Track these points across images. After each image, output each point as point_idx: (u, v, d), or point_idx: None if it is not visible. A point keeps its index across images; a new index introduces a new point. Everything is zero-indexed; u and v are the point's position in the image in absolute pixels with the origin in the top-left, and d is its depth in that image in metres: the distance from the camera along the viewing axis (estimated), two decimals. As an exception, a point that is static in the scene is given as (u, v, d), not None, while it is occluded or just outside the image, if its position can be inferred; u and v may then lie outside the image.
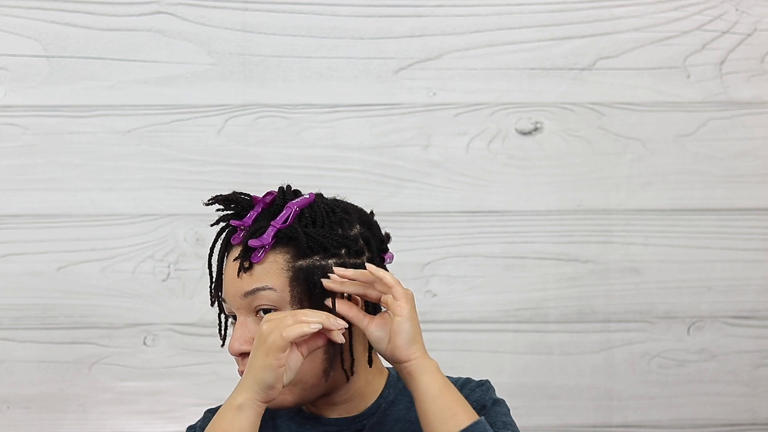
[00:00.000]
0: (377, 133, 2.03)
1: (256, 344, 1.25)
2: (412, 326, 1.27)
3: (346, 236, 1.33)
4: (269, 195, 1.35)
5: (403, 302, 1.28)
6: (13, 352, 2.00)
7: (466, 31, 2.03)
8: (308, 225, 1.32)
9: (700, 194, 2.05)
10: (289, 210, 1.32)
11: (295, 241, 1.31)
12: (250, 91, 2.01)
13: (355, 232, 1.34)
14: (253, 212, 1.34)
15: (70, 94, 2.00)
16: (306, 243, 1.30)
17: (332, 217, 1.33)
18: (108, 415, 2.01)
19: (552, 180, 2.04)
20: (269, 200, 1.34)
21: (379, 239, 1.38)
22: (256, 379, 1.24)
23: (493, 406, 1.36)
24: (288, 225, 1.31)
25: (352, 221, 1.35)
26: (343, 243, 1.32)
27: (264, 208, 1.34)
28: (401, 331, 1.27)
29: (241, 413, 1.25)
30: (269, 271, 1.31)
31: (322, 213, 1.33)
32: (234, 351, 1.32)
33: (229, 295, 1.33)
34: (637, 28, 2.04)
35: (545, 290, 2.04)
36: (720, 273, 2.06)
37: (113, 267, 2.01)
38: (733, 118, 2.05)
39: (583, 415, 2.05)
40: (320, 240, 1.31)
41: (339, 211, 1.34)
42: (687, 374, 2.06)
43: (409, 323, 1.27)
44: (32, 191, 2.00)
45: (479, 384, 1.40)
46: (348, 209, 1.37)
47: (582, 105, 2.04)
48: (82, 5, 2.00)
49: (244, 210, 1.35)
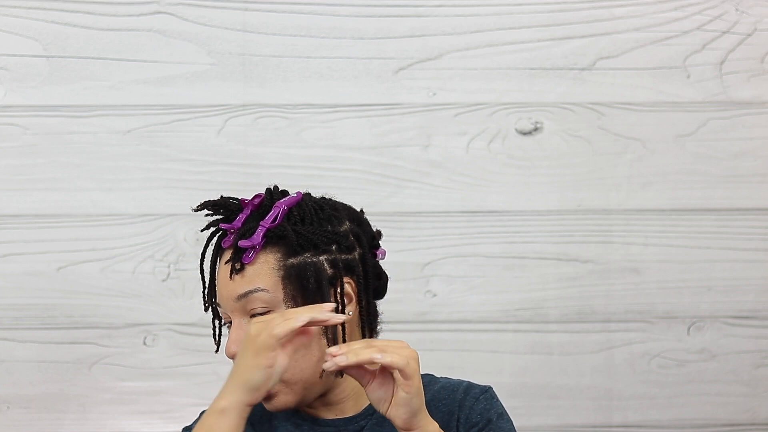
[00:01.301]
0: (377, 133, 2.03)
1: (243, 346, 1.25)
2: (419, 400, 1.23)
3: (336, 232, 1.33)
4: (257, 197, 1.35)
5: (414, 380, 1.22)
6: (13, 352, 2.00)
7: (466, 31, 2.03)
8: (297, 223, 1.32)
9: (700, 194, 2.05)
10: (277, 209, 1.32)
11: (284, 239, 1.31)
12: (250, 91, 2.01)
13: (344, 228, 1.34)
14: (242, 215, 1.34)
15: (70, 94, 2.00)
16: (296, 241, 1.31)
17: (321, 214, 1.34)
18: (108, 415, 2.01)
19: (552, 180, 2.04)
20: (257, 202, 1.35)
21: (369, 235, 1.38)
22: (242, 380, 1.24)
23: (497, 421, 1.35)
24: (277, 224, 1.31)
25: (341, 218, 1.35)
26: (333, 239, 1.32)
27: (253, 210, 1.35)
28: (407, 405, 1.23)
29: (223, 417, 1.24)
30: (260, 272, 1.31)
31: (310, 210, 1.33)
32: (231, 353, 1.31)
33: (223, 298, 1.33)
34: (637, 28, 2.04)
35: (545, 290, 2.04)
36: (720, 273, 2.06)
37: (113, 267, 2.01)
38: (733, 118, 2.05)
39: (583, 415, 2.05)
40: (310, 237, 1.31)
41: (327, 208, 1.35)
42: (687, 374, 2.06)
43: (417, 398, 1.23)
44: (32, 191, 2.00)
45: (483, 391, 1.38)
46: (336, 206, 1.37)
47: (582, 105, 2.04)
48: (82, 5, 2.00)
49: (234, 214, 1.35)
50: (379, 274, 1.39)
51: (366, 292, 1.35)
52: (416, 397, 1.22)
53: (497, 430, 1.34)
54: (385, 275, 1.41)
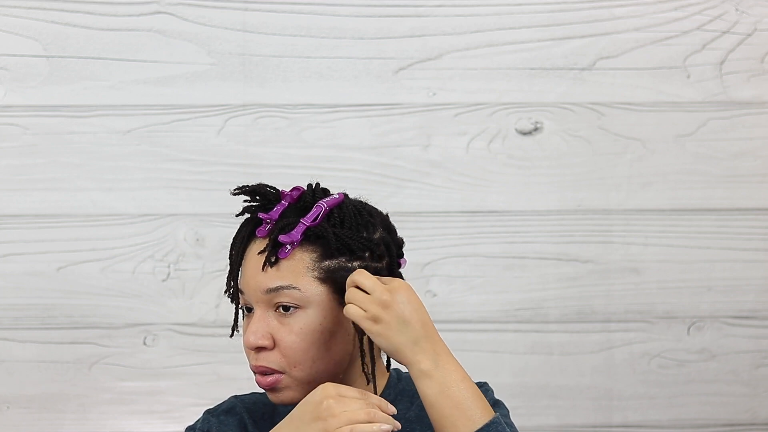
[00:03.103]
0: (377, 133, 2.03)
1: (312, 412, 1.23)
2: (389, 339, 1.26)
3: (371, 239, 1.32)
4: (296, 190, 1.34)
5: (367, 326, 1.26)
6: (13, 352, 2.00)
7: (466, 31, 2.03)
8: (336, 225, 1.31)
9: (700, 194, 2.05)
10: (319, 209, 1.32)
11: (323, 240, 1.31)
12: (250, 91, 2.01)
13: (378, 236, 1.34)
14: (279, 206, 1.33)
15: (70, 94, 2.00)
16: (335, 244, 1.30)
17: (359, 219, 1.33)
18: (108, 415, 2.01)
19: (552, 180, 2.04)
20: (296, 196, 1.34)
21: (397, 244, 1.38)
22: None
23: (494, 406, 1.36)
24: (317, 224, 1.31)
25: (376, 224, 1.35)
26: (367, 246, 1.32)
27: (291, 203, 1.34)
28: (380, 345, 1.27)
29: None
30: (295, 269, 1.30)
31: (350, 214, 1.33)
32: (251, 344, 1.31)
33: (250, 288, 1.32)
34: (637, 28, 2.04)
35: (545, 290, 2.04)
36: (720, 273, 2.06)
37: (113, 267, 2.01)
38: (733, 118, 2.05)
39: (583, 415, 2.05)
40: (348, 241, 1.31)
41: (365, 213, 1.34)
42: (687, 374, 2.06)
43: (381, 338, 1.26)
44: (32, 191, 2.00)
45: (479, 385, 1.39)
46: (372, 212, 1.36)
47: (582, 105, 2.04)
48: (82, 5, 2.00)
49: (271, 203, 1.34)
50: None
51: None
52: (379, 337, 1.26)
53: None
54: None
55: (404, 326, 1.26)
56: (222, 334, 1.41)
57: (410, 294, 1.27)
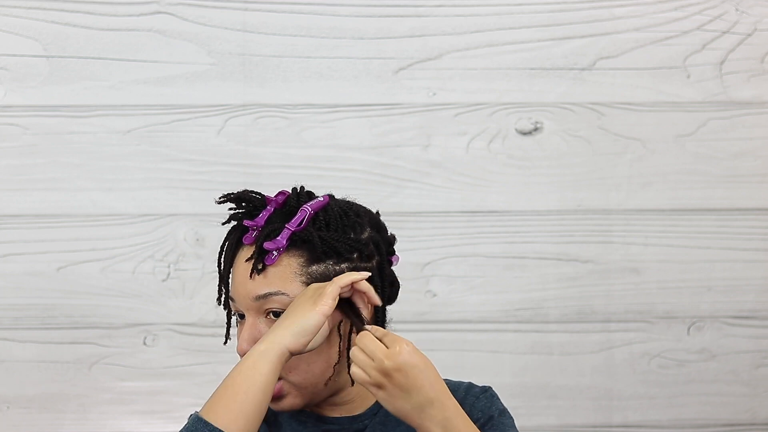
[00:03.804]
0: (377, 133, 2.03)
1: (300, 299, 1.26)
2: (395, 406, 1.24)
3: (358, 240, 1.32)
4: (281, 195, 1.34)
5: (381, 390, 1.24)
6: (13, 352, 2.00)
7: (466, 31, 2.03)
8: (322, 228, 1.31)
9: (700, 194, 2.05)
10: (303, 213, 1.31)
11: (308, 244, 1.30)
12: (250, 91, 2.01)
13: (366, 236, 1.34)
14: (265, 212, 1.33)
15: (70, 94, 2.00)
16: (321, 247, 1.30)
17: (345, 220, 1.33)
18: (108, 415, 2.01)
19: (552, 180, 2.04)
20: (282, 200, 1.34)
21: (387, 242, 1.37)
22: (293, 323, 1.24)
23: (499, 417, 1.35)
24: (303, 228, 1.31)
25: (363, 224, 1.34)
26: (355, 247, 1.32)
27: (276, 208, 1.34)
28: (388, 406, 1.25)
29: (262, 358, 1.24)
30: (282, 275, 1.30)
31: (336, 216, 1.32)
32: (243, 351, 1.31)
33: (240, 295, 1.33)
34: (637, 28, 2.04)
35: (545, 290, 2.04)
36: (720, 273, 2.06)
37: (113, 267, 2.01)
38: (733, 118, 2.05)
39: (583, 415, 2.05)
40: (334, 244, 1.30)
41: (352, 214, 1.34)
42: (687, 374, 2.06)
43: (387, 404, 1.25)
44: (32, 191, 2.00)
45: (483, 390, 1.39)
46: (359, 212, 1.36)
47: (582, 105, 2.04)
48: (82, 5, 2.00)
49: (256, 209, 1.34)
50: (392, 282, 1.39)
51: (381, 300, 1.34)
52: (395, 399, 1.23)
53: (499, 426, 1.34)
54: (398, 282, 1.40)
55: (407, 394, 1.23)
56: (222, 335, 1.41)
57: (413, 357, 1.23)
